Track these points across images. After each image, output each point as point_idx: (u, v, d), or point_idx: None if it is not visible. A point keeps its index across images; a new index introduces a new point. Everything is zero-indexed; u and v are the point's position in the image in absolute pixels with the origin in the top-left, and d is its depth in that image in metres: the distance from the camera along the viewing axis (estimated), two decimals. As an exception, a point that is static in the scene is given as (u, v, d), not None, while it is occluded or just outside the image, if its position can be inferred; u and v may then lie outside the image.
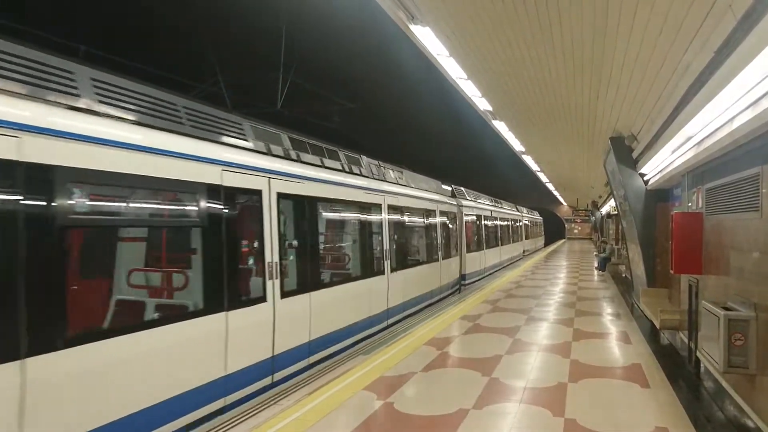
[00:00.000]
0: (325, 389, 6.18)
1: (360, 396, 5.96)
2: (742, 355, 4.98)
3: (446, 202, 16.82)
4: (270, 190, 7.09)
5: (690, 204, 7.60)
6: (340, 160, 9.82)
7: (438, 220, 15.48)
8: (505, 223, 27.76)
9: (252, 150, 7.10)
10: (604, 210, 29.90)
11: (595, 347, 8.23)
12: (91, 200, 4.98)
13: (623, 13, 5.51)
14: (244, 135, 7.12)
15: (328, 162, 9.20)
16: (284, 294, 7.19)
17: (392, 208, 11.66)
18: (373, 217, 10.79)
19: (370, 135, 25.71)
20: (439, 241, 15.22)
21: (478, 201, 22.60)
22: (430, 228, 14.63)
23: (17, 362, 3.87)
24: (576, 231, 64.33)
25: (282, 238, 7.33)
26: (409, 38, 7.52)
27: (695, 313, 7.05)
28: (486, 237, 21.79)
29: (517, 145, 17.83)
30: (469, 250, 18.86)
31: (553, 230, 62.02)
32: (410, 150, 30.26)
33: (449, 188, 19.68)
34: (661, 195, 10.49)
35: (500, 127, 14.07)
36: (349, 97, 15.75)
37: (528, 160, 22.68)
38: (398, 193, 12.30)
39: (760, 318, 4.82)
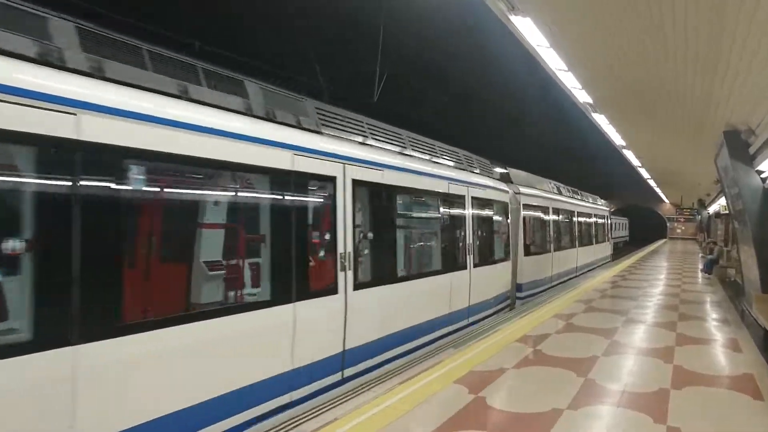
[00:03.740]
0: (416, 380, 6.24)
1: (451, 389, 5.98)
2: None
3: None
4: None
5: (816, 204, 6.98)
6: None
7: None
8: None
9: None
10: (712, 209, 27.89)
11: (700, 353, 7.75)
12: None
13: (746, -4, 5.11)
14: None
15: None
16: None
17: None
18: None
19: (463, 129, 25.49)
20: None
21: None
22: None
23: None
24: (679, 231, 60.92)
25: None
26: (508, 30, 7.39)
27: (819, 323, 6.48)
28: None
29: (617, 139, 17.09)
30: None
31: (652, 229, 60.32)
32: (509, 145, 29.78)
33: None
34: (780, 194, 9.69)
35: (600, 120, 13.55)
36: (445, 91, 15.68)
37: (629, 155, 21.66)
38: None
39: None
